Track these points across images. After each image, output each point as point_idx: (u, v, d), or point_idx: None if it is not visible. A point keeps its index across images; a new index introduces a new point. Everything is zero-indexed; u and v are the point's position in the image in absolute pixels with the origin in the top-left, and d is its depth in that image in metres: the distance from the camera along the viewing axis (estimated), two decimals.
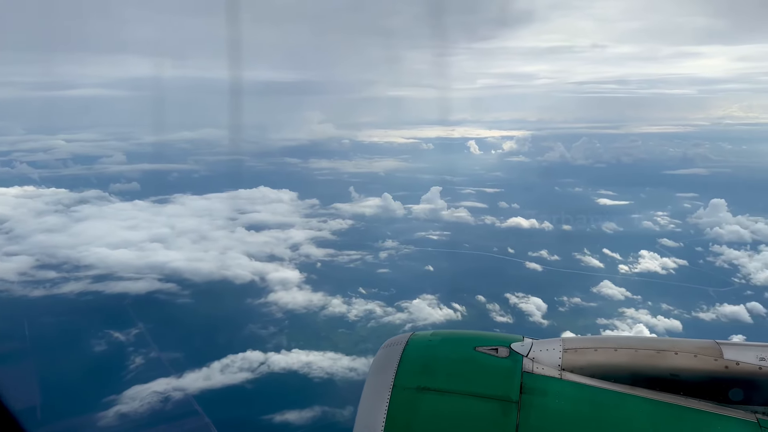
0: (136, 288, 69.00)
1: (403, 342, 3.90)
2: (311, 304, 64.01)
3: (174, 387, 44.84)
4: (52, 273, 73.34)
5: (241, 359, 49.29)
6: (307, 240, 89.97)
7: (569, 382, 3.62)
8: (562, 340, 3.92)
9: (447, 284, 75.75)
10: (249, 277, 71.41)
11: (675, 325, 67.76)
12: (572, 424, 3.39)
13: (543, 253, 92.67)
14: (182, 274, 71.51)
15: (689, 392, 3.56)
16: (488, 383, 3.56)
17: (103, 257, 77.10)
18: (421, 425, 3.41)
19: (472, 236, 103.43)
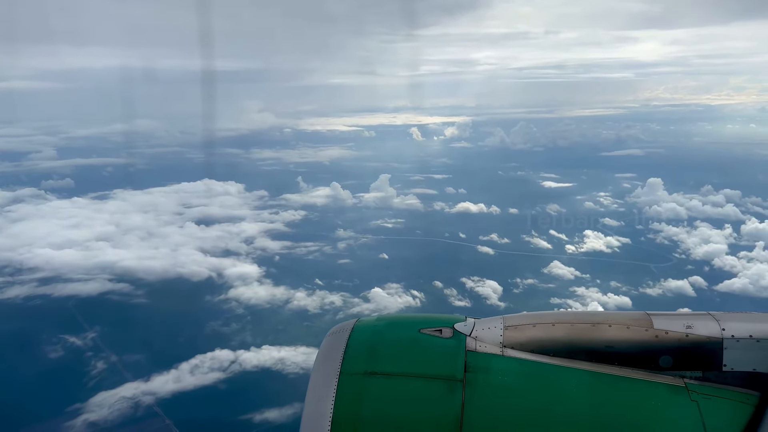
0: (86, 290, 66.32)
1: (348, 329, 3.97)
2: (274, 299, 63.24)
3: (143, 391, 43.44)
4: None
5: (210, 359, 48.21)
6: (261, 233, 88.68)
7: (511, 358, 3.78)
8: (503, 318, 4.05)
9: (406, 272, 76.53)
10: (206, 274, 69.82)
11: (624, 301, 70.77)
12: (515, 398, 3.56)
13: (493, 236, 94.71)
14: (134, 273, 69.17)
15: (623, 362, 3.78)
16: (433, 363, 3.67)
17: (47, 259, 73.61)
18: (370, 409, 3.49)
19: (423, 222, 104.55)
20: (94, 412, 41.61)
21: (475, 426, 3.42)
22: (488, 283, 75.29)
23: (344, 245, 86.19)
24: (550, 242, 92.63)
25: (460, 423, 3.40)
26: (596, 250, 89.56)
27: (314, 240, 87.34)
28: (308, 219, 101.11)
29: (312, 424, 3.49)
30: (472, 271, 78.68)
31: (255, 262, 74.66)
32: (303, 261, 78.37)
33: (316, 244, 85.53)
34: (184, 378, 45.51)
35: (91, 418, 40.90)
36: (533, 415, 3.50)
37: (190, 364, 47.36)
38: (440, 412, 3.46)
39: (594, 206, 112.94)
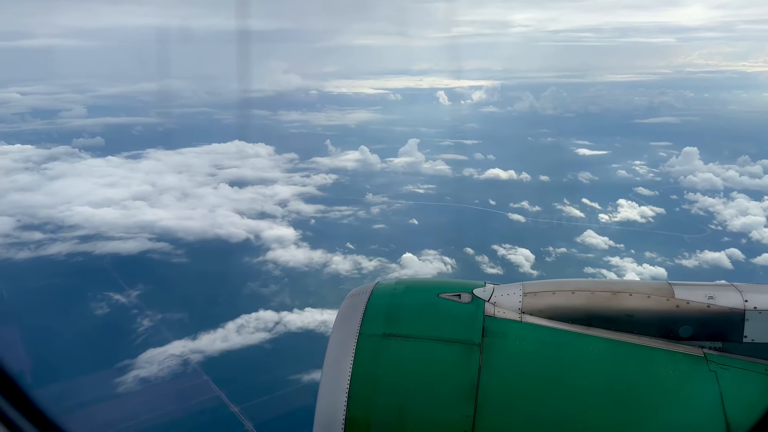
0: (126, 248, 67.56)
1: (368, 291, 4.01)
2: (312, 262, 63.87)
3: (191, 349, 44.57)
4: (37, 234, 71.03)
5: (255, 319, 49.12)
6: (294, 196, 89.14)
7: (529, 324, 3.80)
8: (522, 285, 4.07)
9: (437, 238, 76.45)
10: (243, 236, 70.64)
11: (660, 272, 70.16)
12: (532, 364, 3.59)
13: (524, 204, 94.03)
14: (173, 233, 70.23)
15: (643, 331, 3.80)
16: (451, 327, 3.70)
17: (87, 217, 74.96)
18: (388, 370, 3.54)
19: (453, 189, 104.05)
20: (144, 368, 42.79)
21: (492, 390, 3.46)
22: (520, 251, 75.05)
23: (378, 210, 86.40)
24: (582, 211, 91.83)
25: (476, 387, 3.45)
26: (630, 220, 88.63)
27: (347, 204, 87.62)
28: (339, 183, 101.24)
29: (332, 383, 3.54)
30: (503, 238, 78.38)
31: (291, 225, 75.32)
32: (338, 225, 78.85)
33: (350, 209, 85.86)
34: (231, 337, 46.53)
35: (142, 374, 42.12)
36: (550, 381, 3.53)
37: (236, 324, 48.34)
38: (457, 376, 3.50)
39: (627, 175, 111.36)
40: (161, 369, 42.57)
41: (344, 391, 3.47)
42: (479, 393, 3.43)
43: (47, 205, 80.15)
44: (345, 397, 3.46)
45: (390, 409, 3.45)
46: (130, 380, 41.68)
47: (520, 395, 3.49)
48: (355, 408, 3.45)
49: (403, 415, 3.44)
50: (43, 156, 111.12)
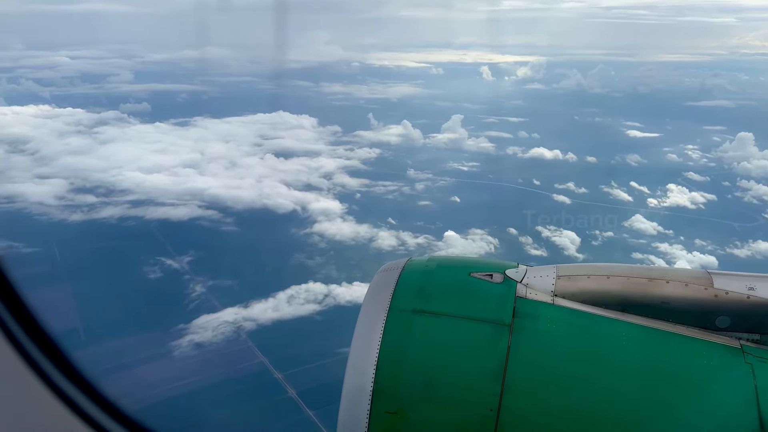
0: (177, 214, 68.95)
1: (399, 267, 3.99)
2: (359, 236, 64.29)
3: (244, 317, 45.56)
4: (90, 197, 72.92)
5: (305, 291, 49.91)
6: (339, 169, 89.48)
7: (561, 307, 3.74)
8: (557, 267, 4.00)
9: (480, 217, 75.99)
10: (290, 207, 71.38)
11: (710, 260, 68.61)
12: (562, 346, 3.55)
13: (570, 185, 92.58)
14: (222, 201, 71.37)
15: (678, 319, 3.71)
16: (481, 307, 3.67)
17: (138, 182, 76.60)
18: (416, 345, 3.54)
19: (496, 167, 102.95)
20: (198, 333, 43.94)
21: (520, 371, 3.44)
22: (566, 233, 74.12)
23: (422, 187, 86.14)
24: (630, 194, 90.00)
25: (504, 367, 3.44)
26: (680, 206, 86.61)
27: (391, 179, 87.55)
28: (383, 157, 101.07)
29: (360, 355, 3.54)
30: (547, 219, 77.35)
31: (336, 199, 75.77)
32: (383, 200, 78.97)
33: (395, 184, 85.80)
34: (282, 307, 47.38)
35: (196, 339, 43.26)
36: (580, 365, 3.51)
37: (286, 294, 49.16)
38: (485, 355, 3.49)
39: (678, 159, 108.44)
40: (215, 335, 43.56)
41: (372, 364, 3.48)
42: (507, 373, 3.43)
43: (99, 169, 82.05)
44: (373, 370, 3.47)
45: (417, 383, 3.48)
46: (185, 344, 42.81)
47: (549, 377, 3.48)
48: (383, 381, 3.47)
49: (429, 389, 3.47)
50: (94, 120, 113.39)
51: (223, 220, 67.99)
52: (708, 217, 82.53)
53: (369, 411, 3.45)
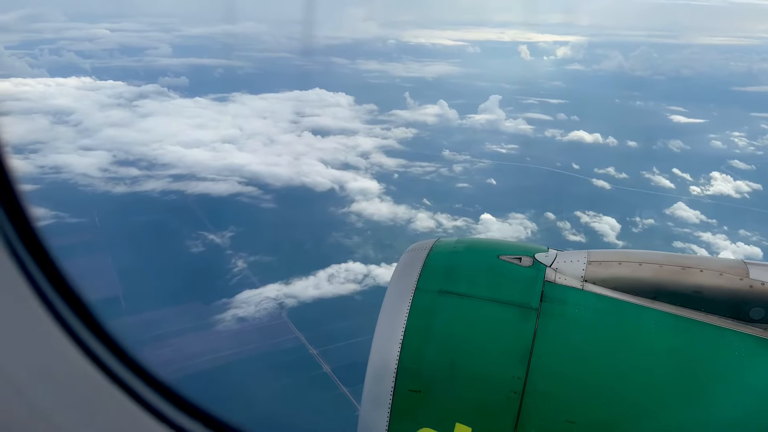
0: (217, 189, 69.74)
1: (427, 247, 3.99)
2: (397, 217, 64.28)
3: (285, 294, 46.11)
4: (133, 170, 74.13)
5: (345, 270, 50.22)
6: (376, 148, 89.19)
7: (590, 293, 3.71)
8: (588, 253, 3.95)
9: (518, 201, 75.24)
10: (328, 185, 71.62)
11: (755, 252, 66.95)
12: (590, 332, 3.53)
13: (610, 170, 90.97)
14: (262, 178, 71.92)
15: (711, 309, 3.63)
16: (509, 290, 3.66)
17: (179, 156, 77.56)
18: (442, 325, 3.56)
19: (534, 150, 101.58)
20: (241, 308, 44.65)
21: (546, 355, 3.43)
22: (605, 219, 73.08)
23: (460, 168, 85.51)
24: (672, 181, 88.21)
25: (530, 350, 3.43)
26: (723, 194, 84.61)
27: (429, 160, 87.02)
28: (420, 137, 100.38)
29: (386, 333, 3.59)
30: (586, 205, 76.32)
31: (374, 178, 75.76)
32: (420, 181, 78.59)
33: (432, 165, 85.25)
34: (323, 285, 47.81)
35: (239, 313, 43.96)
36: (608, 351, 3.49)
37: (327, 273, 49.56)
38: (511, 338, 3.49)
39: (722, 146, 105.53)
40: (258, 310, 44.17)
41: (398, 342, 3.52)
42: (533, 356, 3.42)
43: (140, 142, 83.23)
44: (398, 348, 3.52)
45: (441, 362, 3.51)
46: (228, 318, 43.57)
47: (575, 363, 3.47)
48: (408, 359, 3.51)
49: (454, 369, 3.49)
50: (134, 93, 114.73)
51: (262, 197, 68.59)
52: (753, 207, 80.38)
53: (393, 388, 3.50)
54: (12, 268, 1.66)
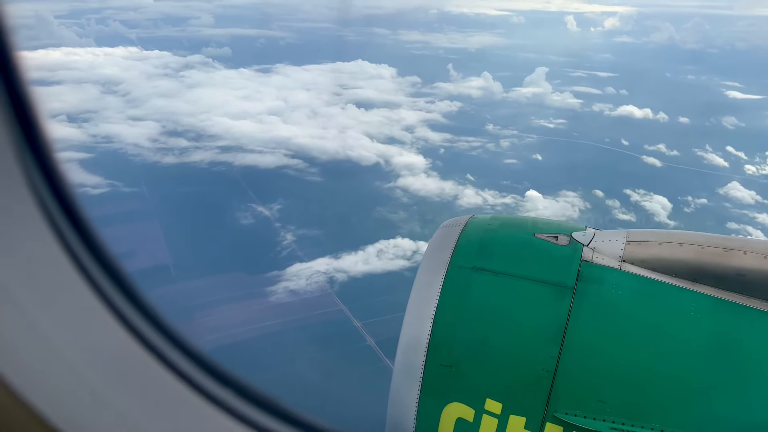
0: (264, 162, 70.15)
1: (461, 223, 3.96)
2: (443, 193, 63.72)
3: (335, 268, 46.44)
4: (182, 141, 75.08)
5: (393, 246, 50.18)
6: (420, 122, 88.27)
7: (628, 273, 3.62)
8: (627, 232, 3.85)
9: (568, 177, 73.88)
10: (373, 159, 71.29)
11: None
12: (627, 313, 3.45)
13: (660, 147, 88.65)
14: (308, 151, 72.00)
15: (753, 293, 3.50)
16: (544, 268, 3.59)
17: (226, 128, 78.15)
18: (475, 302, 3.54)
19: (581, 125, 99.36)
20: (292, 281, 45.13)
21: (580, 335, 3.39)
22: (656, 198, 71.31)
23: (507, 144, 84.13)
24: (726, 160, 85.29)
25: (564, 329, 3.39)
26: None
27: (475, 135, 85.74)
28: (464, 111, 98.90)
29: (418, 308, 3.58)
30: (636, 182, 74.56)
31: (420, 153, 75.08)
32: (467, 156, 77.54)
33: (478, 140, 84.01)
34: (372, 261, 47.92)
35: (291, 286, 44.48)
36: (644, 333, 3.41)
37: (375, 248, 49.64)
38: (545, 316, 3.45)
39: None
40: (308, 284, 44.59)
41: (430, 317, 3.53)
42: (566, 336, 3.39)
43: (188, 113, 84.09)
44: (430, 323, 3.52)
45: (473, 339, 3.49)
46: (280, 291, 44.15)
47: (610, 343, 3.41)
48: (440, 334, 3.51)
49: (486, 345, 3.48)
50: (180, 64, 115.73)
51: (308, 170, 68.75)
52: None
53: (424, 362, 3.52)
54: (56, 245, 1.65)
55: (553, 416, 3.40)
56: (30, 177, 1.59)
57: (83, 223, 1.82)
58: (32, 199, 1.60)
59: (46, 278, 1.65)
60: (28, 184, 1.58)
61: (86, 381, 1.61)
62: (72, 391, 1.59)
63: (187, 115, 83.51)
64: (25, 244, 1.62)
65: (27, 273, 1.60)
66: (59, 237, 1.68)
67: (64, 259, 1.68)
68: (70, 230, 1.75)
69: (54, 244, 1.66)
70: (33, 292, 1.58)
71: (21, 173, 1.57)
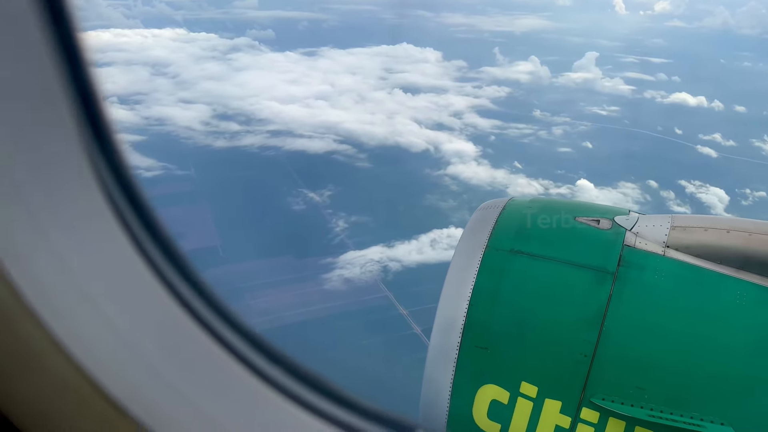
0: (313, 147, 70.18)
1: (500, 206, 3.91)
2: (495, 182, 62.87)
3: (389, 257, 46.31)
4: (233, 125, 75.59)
5: (447, 236, 49.80)
6: (468, 108, 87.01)
7: (672, 259, 3.53)
8: (671, 217, 3.76)
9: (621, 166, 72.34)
10: (423, 146, 70.65)
11: None
12: (669, 300, 3.37)
13: (716, 136, 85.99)
14: (356, 136, 71.76)
15: None
16: (584, 252, 3.52)
17: (275, 112, 78.35)
18: (512, 285, 3.50)
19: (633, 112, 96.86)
20: (346, 269, 45.18)
21: (620, 321, 3.34)
22: (712, 190, 69.42)
23: (561, 131, 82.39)
24: None
25: (603, 315, 3.34)
26: None
27: (525, 122, 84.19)
28: (513, 97, 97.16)
29: (454, 289, 3.57)
30: (691, 173, 72.65)
31: (469, 140, 74.05)
32: (518, 144, 76.24)
33: (529, 127, 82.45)
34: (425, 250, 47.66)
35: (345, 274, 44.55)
36: (687, 321, 3.34)
37: (429, 237, 49.32)
38: (584, 301, 3.40)
39: None
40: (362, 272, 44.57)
41: (466, 299, 3.51)
42: (606, 321, 3.34)
43: (237, 97, 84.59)
44: (466, 305, 3.51)
45: (509, 322, 3.47)
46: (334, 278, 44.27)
47: (651, 331, 3.34)
48: (475, 316, 3.50)
49: (523, 328, 3.45)
50: (227, 46, 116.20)
51: (357, 156, 68.54)
52: None
53: (459, 343, 3.51)
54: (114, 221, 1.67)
55: (589, 401, 3.37)
56: (93, 159, 1.60)
57: (144, 206, 1.79)
58: (95, 181, 1.61)
59: (110, 264, 1.67)
60: (91, 167, 1.60)
61: (145, 358, 1.65)
62: (131, 364, 1.63)
63: (237, 98, 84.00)
64: (89, 227, 1.63)
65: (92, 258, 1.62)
66: (122, 222, 1.68)
67: (129, 248, 1.69)
68: (131, 212, 1.73)
69: (118, 230, 1.67)
70: (98, 281, 1.61)
71: (85, 156, 1.58)
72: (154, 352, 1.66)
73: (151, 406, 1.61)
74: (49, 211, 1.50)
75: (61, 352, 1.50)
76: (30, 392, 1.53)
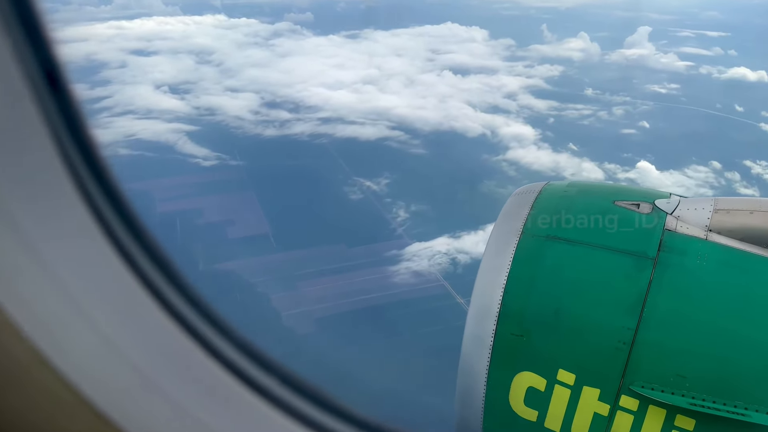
0: (366, 134, 68.76)
1: (536, 190, 3.85)
2: (558, 167, 60.46)
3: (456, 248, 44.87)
4: (282, 113, 74.66)
5: None
6: (522, 89, 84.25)
7: (714, 243, 3.42)
8: (714, 200, 3.64)
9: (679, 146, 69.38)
10: (479, 130, 68.46)
11: None
12: (712, 286, 3.29)
13: None
14: (409, 122, 69.95)
15: None
16: (623, 237, 3.44)
17: (324, 98, 77.13)
18: (548, 272, 3.43)
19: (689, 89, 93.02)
20: (414, 261, 43.90)
21: (661, 307, 3.24)
22: None
23: (621, 111, 79.06)
24: None
25: (643, 301, 3.25)
26: None
27: (583, 102, 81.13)
28: (567, 76, 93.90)
29: (489, 277, 3.48)
30: (757, 153, 69.30)
31: (527, 123, 71.54)
32: (578, 126, 73.24)
33: (588, 108, 79.32)
34: None
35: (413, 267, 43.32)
36: (731, 308, 3.23)
37: None
38: (623, 288, 3.31)
39: None
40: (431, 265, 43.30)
41: (501, 286, 3.43)
42: (645, 308, 3.25)
43: (283, 84, 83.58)
44: (501, 292, 3.43)
45: (546, 310, 3.39)
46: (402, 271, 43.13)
47: (693, 317, 3.24)
48: (511, 304, 3.42)
49: (560, 316, 3.37)
50: (269, 32, 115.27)
51: (411, 142, 66.83)
52: None
53: (494, 331, 3.43)
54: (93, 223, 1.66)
55: (628, 389, 3.27)
56: (73, 168, 1.58)
57: (129, 214, 1.76)
58: (77, 192, 1.60)
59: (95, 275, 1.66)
60: (72, 177, 1.58)
61: (134, 370, 1.65)
62: (119, 377, 1.64)
63: (284, 85, 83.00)
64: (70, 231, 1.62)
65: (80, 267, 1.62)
66: (107, 231, 1.67)
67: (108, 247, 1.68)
68: (116, 221, 1.69)
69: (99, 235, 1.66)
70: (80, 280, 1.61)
71: (64, 165, 1.56)
72: (143, 364, 1.65)
73: (138, 418, 1.62)
74: (32, 223, 1.49)
75: (47, 365, 1.50)
76: (17, 406, 1.54)
